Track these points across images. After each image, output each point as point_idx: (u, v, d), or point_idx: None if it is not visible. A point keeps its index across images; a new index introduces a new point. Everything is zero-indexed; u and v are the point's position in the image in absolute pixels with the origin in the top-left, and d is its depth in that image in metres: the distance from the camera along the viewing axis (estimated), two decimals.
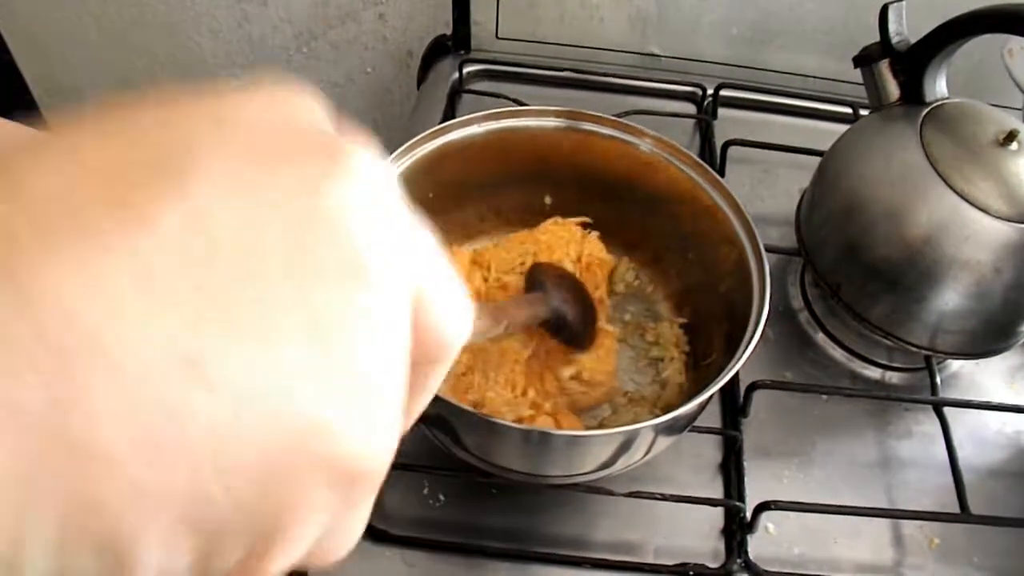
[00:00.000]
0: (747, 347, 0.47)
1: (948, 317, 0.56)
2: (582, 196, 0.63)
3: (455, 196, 0.60)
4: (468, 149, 0.58)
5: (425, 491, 0.55)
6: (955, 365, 0.65)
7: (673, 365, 0.59)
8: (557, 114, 0.58)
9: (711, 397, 0.47)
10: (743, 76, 0.85)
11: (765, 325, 0.48)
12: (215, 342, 0.14)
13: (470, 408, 0.43)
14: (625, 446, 0.47)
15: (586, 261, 0.60)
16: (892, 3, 0.59)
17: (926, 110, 0.58)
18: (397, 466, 0.55)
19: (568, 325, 0.53)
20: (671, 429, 0.49)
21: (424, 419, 0.49)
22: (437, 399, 0.45)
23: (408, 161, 0.55)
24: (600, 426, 0.56)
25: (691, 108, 0.83)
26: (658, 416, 0.45)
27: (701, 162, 0.56)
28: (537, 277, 0.56)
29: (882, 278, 0.57)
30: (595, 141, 0.59)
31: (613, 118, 0.59)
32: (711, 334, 0.58)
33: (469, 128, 0.57)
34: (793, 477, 0.58)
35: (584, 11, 0.84)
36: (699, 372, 0.58)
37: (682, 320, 0.62)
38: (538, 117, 0.59)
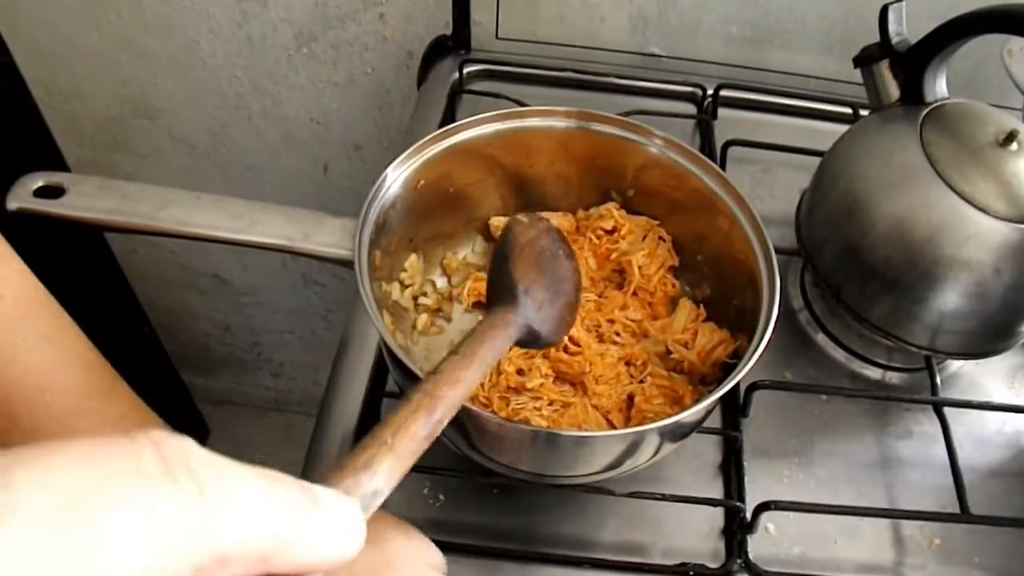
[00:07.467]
0: (755, 352, 0.46)
1: (948, 317, 0.56)
2: (591, 197, 0.63)
3: (463, 197, 0.60)
4: (477, 150, 0.58)
5: (425, 491, 0.55)
6: (955, 365, 0.65)
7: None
8: (567, 114, 0.58)
9: (718, 400, 0.47)
10: (743, 76, 0.85)
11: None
12: None
13: (478, 409, 0.43)
14: (632, 448, 0.47)
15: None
16: (892, 3, 0.59)
17: (926, 110, 0.58)
18: None
19: (540, 338, 0.44)
20: (677, 433, 0.49)
21: None
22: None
23: (416, 163, 0.55)
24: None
25: (691, 108, 0.83)
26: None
27: (712, 163, 0.56)
28: (504, 269, 0.44)
29: (882, 278, 0.57)
30: (604, 141, 0.59)
31: (622, 118, 0.58)
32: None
33: (477, 129, 0.57)
34: (793, 477, 0.58)
35: (584, 11, 0.84)
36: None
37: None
38: (547, 117, 0.58)
